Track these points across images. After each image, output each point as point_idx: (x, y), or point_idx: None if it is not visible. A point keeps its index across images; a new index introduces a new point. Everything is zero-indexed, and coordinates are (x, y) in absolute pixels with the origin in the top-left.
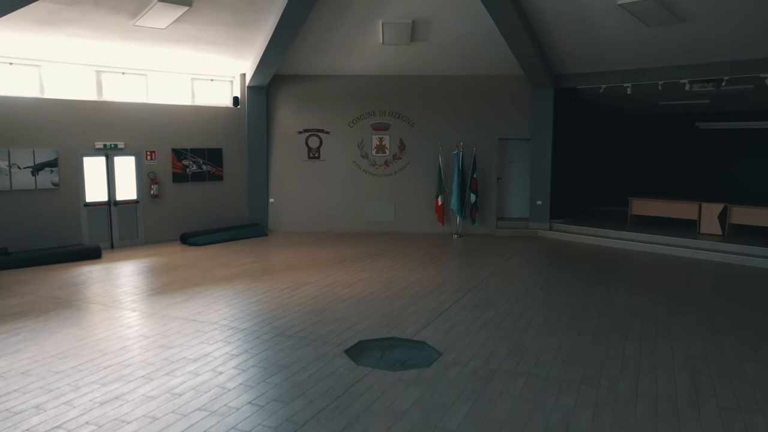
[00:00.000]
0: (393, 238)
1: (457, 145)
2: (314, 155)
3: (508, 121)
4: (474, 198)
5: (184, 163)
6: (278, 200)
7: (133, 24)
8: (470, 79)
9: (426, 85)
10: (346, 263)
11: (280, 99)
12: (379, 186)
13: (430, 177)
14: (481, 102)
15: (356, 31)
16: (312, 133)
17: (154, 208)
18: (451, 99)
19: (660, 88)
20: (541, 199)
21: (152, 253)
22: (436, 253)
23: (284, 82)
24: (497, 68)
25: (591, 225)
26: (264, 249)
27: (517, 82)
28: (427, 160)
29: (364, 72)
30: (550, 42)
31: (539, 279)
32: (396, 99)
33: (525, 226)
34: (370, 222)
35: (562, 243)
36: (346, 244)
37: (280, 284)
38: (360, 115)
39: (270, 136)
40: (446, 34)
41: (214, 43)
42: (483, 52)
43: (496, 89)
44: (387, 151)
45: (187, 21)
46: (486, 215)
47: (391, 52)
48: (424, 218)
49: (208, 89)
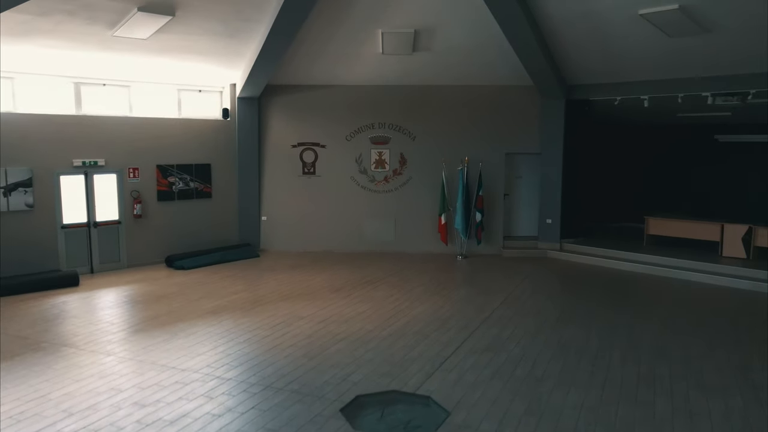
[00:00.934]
0: (393, 260)
1: (461, 161)
2: (309, 170)
3: (516, 135)
4: (480, 217)
5: (170, 180)
6: (271, 218)
7: (111, 35)
8: (476, 90)
9: (429, 96)
10: (343, 292)
11: (272, 110)
12: (379, 203)
13: (433, 194)
14: (487, 114)
15: (354, 41)
16: (307, 147)
17: (137, 229)
18: (456, 111)
19: (680, 101)
20: (551, 218)
21: (135, 278)
22: (440, 279)
23: (277, 93)
24: (505, 79)
25: (604, 245)
26: (255, 274)
27: (526, 94)
28: (429, 176)
29: (363, 82)
30: (561, 52)
31: (553, 311)
32: (397, 111)
33: (534, 246)
34: (369, 242)
35: (573, 265)
36: (342, 268)
37: (270, 319)
38: (358, 128)
39: (262, 150)
40: (451, 44)
41: (201, 53)
42: (490, 63)
43: (503, 101)
44: (387, 167)
45: (171, 31)
46: (492, 234)
47: (391, 62)
48: (426, 238)
49: (195, 101)
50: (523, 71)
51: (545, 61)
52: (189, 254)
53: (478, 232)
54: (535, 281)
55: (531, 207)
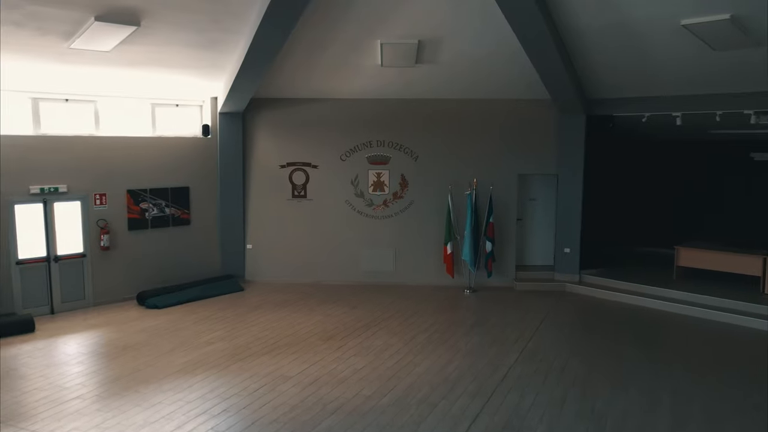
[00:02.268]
0: (393, 295)
1: (469, 184)
2: (300, 193)
3: (530, 154)
4: (490, 247)
5: (143, 206)
6: (257, 246)
7: (68, 47)
8: (486, 104)
9: (433, 111)
10: (336, 341)
11: (259, 127)
12: (377, 230)
13: (438, 220)
14: (498, 131)
15: (350, 52)
16: (297, 168)
17: (104, 262)
18: (463, 128)
19: (718, 119)
20: (570, 246)
21: (100, 321)
22: (447, 321)
23: (264, 107)
24: (518, 92)
25: (629, 278)
26: (237, 314)
27: (542, 108)
28: (433, 201)
29: (360, 96)
30: (585, 64)
31: (580, 368)
32: (397, 128)
33: (550, 278)
34: (366, 272)
35: (595, 302)
36: (336, 305)
37: (251, 381)
38: (354, 147)
39: (247, 171)
40: (458, 54)
41: (176, 66)
42: (501, 74)
43: (516, 116)
44: (386, 189)
45: (138, 42)
46: (504, 264)
47: (391, 74)
48: (430, 269)
49: (172, 116)
50: (539, 83)
51: (567, 74)
52: (164, 290)
53: (489, 264)
54: (555, 324)
55: (546, 233)
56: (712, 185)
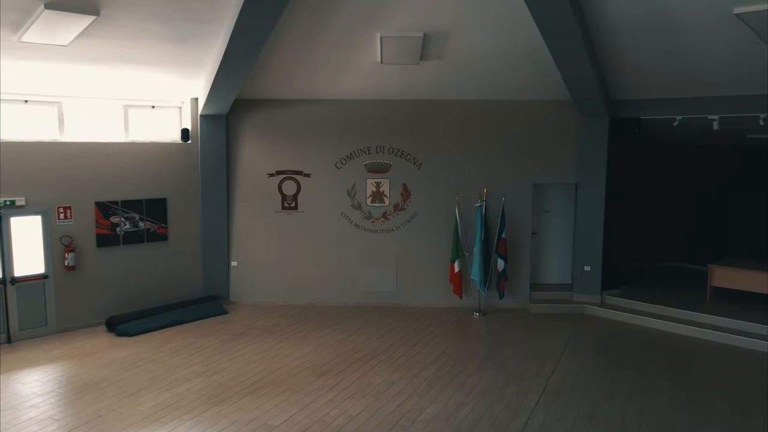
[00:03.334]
0: (395, 318)
1: (479, 194)
2: (290, 205)
3: (547, 161)
4: (502, 265)
5: (114, 220)
6: (243, 264)
7: (18, 40)
8: (498, 106)
9: (438, 114)
10: (330, 377)
11: (245, 131)
12: (376, 245)
13: (444, 235)
14: (512, 136)
15: (346, 47)
16: (287, 177)
17: (70, 283)
18: (472, 132)
19: (762, 123)
20: (591, 264)
21: (62, 352)
22: (455, 350)
23: (250, 109)
24: (534, 92)
25: (657, 300)
26: (219, 342)
27: (561, 111)
28: (439, 213)
29: (357, 96)
30: (610, 59)
31: (612, 414)
32: (399, 132)
33: (568, 299)
34: (365, 293)
35: (620, 327)
36: (330, 332)
37: None
38: (351, 153)
39: (232, 180)
40: (467, 50)
41: (149, 63)
42: (517, 73)
43: (532, 120)
44: (386, 200)
45: (101, 35)
46: (517, 283)
47: (393, 72)
48: (435, 289)
49: (147, 120)
50: (558, 83)
51: (593, 72)
52: (137, 314)
53: (501, 284)
54: (577, 355)
55: (562, 249)
56: (750, 196)
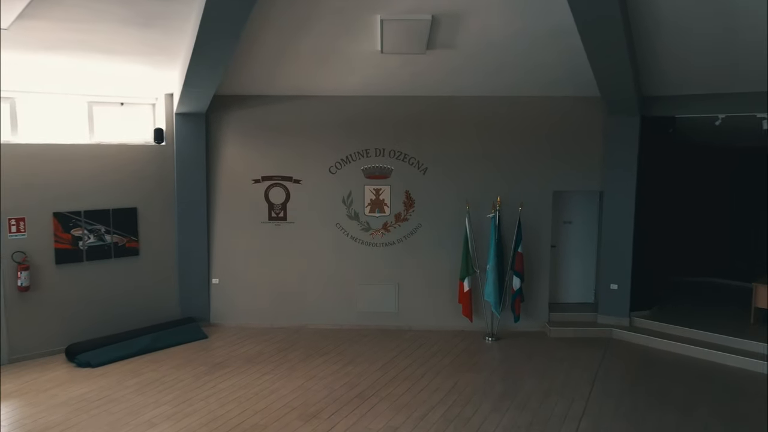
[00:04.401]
0: (397, 344)
1: (493, 204)
2: (278, 215)
3: (569, 166)
4: (519, 283)
5: (75, 233)
6: (225, 282)
7: None
8: (514, 104)
9: (446, 112)
10: (321, 421)
11: (227, 131)
12: (376, 261)
13: (452, 248)
14: (529, 137)
15: (341, 34)
16: (275, 183)
17: (23, 307)
18: (485, 133)
19: None
20: (618, 282)
21: (11, 388)
22: (467, 386)
23: (233, 106)
24: (557, 87)
25: (694, 323)
26: (194, 375)
27: (586, 109)
28: (446, 224)
29: (354, 92)
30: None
31: None
32: (401, 132)
33: (591, 321)
34: (363, 314)
35: (653, 354)
36: (324, 361)
37: None
38: (347, 157)
39: (212, 186)
40: (482, 38)
41: (113, 52)
42: (537, 64)
43: (553, 119)
44: (387, 210)
45: (47, 17)
46: (534, 303)
47: (395, 64)
48: (442, 310)
49: (115, 118)
50: (584, 76)
51: (630, 65)
52: (102, 341)
53: (516, 305)
54: (609, 391)
55: (584, 263)
56: None
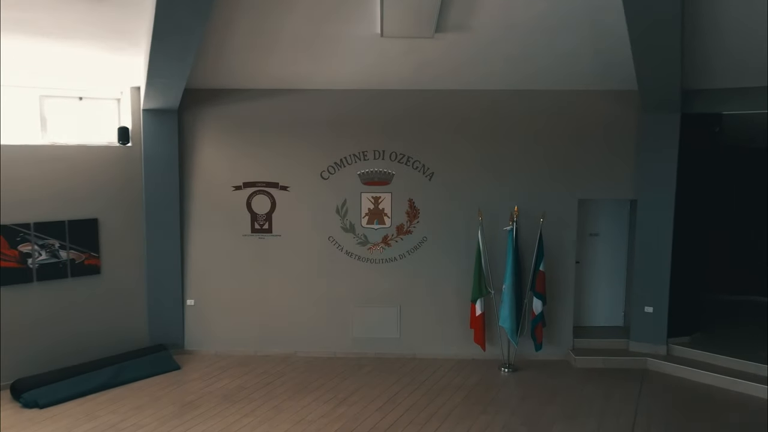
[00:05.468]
0: (399, 377)
1: (511, 215)
2: (262, 226)
3: (597, 171)
4: (540, 306)
5: (24, 249)
6: (202, 303)
7: None
8: (536, 98)
9: (458, 108)
10: None
11: (203, 131)
12: (374, 279)
13: (463, 265)
14: (552, 138)
15: (331, 14)
16: (259, 190)
17: None
18: (501, 132)
19: None
20: (654, 304)
21: None
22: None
23: (209, 102)
24: (585, 79)
25: (742, 353)
26: (158, 420)
27: (617, 105)
28: (456, 238)
29: (349, 84)
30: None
31: None
32: (404, 132)
33: (622, 348)
34: (360, 340)
35: (698, 391)
36: (315, 398)
37: None
38: (341, 160)
39: (187, 194)
40: (500, 20)
41: (60, 35)
42: (563, 52)
43: (579, 116)
44: (387, 221)
45: None
46: (556, 327)
47: (397, 50)
48: (451, 336)
49: (72, 115)
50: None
51: (679, 53)
52: (54, 376)
53: (538, 331)
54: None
55: (613, 281)
56: None
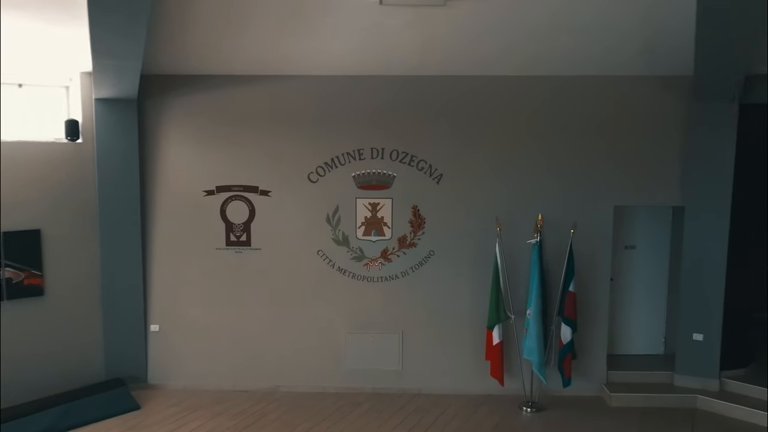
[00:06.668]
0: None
1: (536, 226)
2: (239, 238)
3: (636, 172)
4: (570, 333)
5: None
6: (168, 328)
7: None
8: (565, 85)
9: (471, 97)
10: None
11: (168, 125)
12: (372, 301)
13: (477, 285)
14: (582, 133)
15: None
16: (235, 195)
17: None
18: (522, 127)
19: None
20: (704, 330)
21: None
22: None
23: (175, 91)
24: (622, 63)
25: None
26: None
27: (661, 92)
28: (468, 251)
29: (342, 68)
30: None
31: None
32: (407, 126)
33: (665, 384)
34: (355, 373)
35: None
36: None
37: None
38: (332, 159)
39: (149, 200)
40: None
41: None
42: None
43: (616, 107)
44: (387, 232)
45: None
46: (588, 357)
47: (400, 24)
48: (463, 368)
49: (10, 105)
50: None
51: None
52: None
53: (566, 364)
54: None
55: (652, 302)
56: None
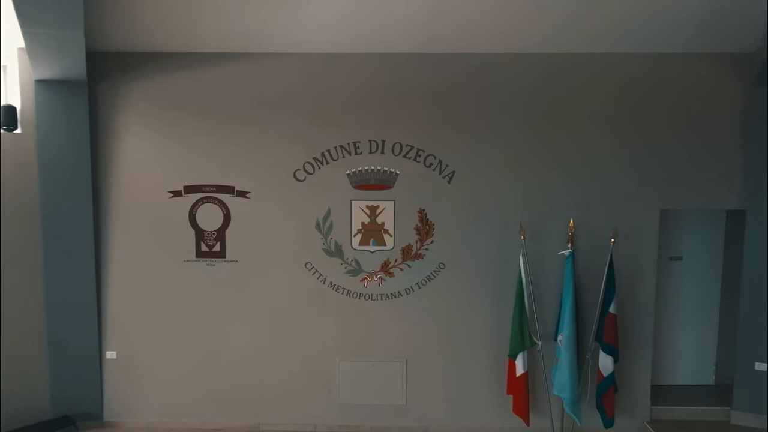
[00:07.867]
0: None
1: (566, 232)
2: (212, 248)
3: (684, 171)
4: (611, 363)
5: None
6: (127, 356)
7: None
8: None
9: (487, 80)
10: None
11: (126, 112)
12: (370, 323)
13: (496, 305)
14: (622, 124)
15: None
16: (207, 197)
17: None
18: (549, 116)
19: None
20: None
21: None
22: None
23: (135, 71)
24: (667, 39)
25: None
26: None
27: (714, 74)
28: (485, 264)
29: (334, 45)
30: None
31: None
32: (412, 115)
33: (720, 420)
34: (349, 408)
35: None
36: None
37: None
38: (323, 155)
39: (103, 203)
40: None
41: None
42: None
43: (660, 91)
44: (388, 241)
45: None
46: (628, 390)
47: None
48: (479, 403)
49: None
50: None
51: None
52: None
53: (607, 400)
54: None
55: (702, 324)
56: None
